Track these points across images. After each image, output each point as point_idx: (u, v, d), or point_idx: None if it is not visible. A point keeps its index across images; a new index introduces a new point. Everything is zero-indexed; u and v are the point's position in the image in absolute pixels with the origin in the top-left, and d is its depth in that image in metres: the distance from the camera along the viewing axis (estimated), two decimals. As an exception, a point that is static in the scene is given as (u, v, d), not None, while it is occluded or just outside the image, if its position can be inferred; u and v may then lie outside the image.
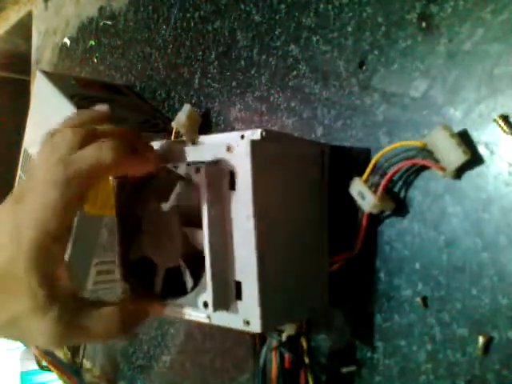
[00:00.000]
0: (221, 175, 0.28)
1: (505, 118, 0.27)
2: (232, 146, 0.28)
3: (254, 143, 0.27)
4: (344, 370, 0.36)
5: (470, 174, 0.29)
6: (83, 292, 0.52)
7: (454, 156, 0.28)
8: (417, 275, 0.32)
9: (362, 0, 0.35)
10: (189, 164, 0.29)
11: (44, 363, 0.69)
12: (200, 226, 0.28)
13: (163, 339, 0.57)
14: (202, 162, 0.28)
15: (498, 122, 0.28)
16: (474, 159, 0.28)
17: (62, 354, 0.69)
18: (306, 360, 0.37)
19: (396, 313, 0.33)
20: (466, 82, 0.29)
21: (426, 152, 0.29)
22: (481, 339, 0.28)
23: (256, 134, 0.28)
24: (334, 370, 0.37)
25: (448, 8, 0.30)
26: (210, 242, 0.28)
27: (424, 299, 0.31)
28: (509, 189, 0.28)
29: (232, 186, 0.28)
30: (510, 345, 0.27)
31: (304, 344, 0.37)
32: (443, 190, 0.30)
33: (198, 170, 0.28)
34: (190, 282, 0.30)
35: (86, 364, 0.73)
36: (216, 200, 0.28)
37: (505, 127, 0.27)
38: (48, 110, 0.54)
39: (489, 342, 0.28)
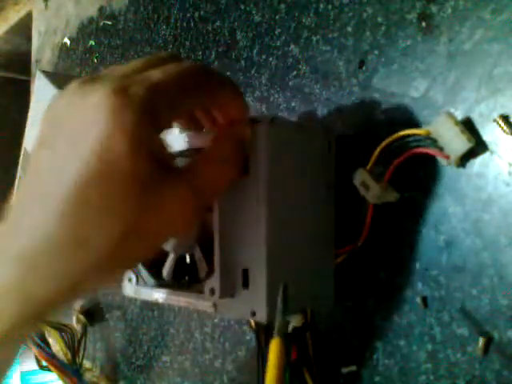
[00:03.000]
0: None
1: (505, 118, 0.27)
2: None
3: (265, 127, 0.27)
4: (344, 370, 0.36)
5: (470, 174, 0.29)
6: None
7: (458, 143, 0.28)
8: (417, 275, 0.32)
9: (362, 0, 0.35)
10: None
11: (44, 363, 0.69)
12: None
13: (163, 339, 0.57)
14: None
15: (498, 122, 0.28)
16: (479, 148, 0.28)
17: (62, 354, 0.70)
18: (311, 353, 0.37)
19: (396, 313, 0.33)
20: (466, 82, 0.29)
21: (430, 140, 0.29)
22: (481, 339, 0.28)
23: (266, 119, 0.28)
24: (335, 366, 0.37)
25: (448, 8, 0.30)
26: (220, 227, 0.28)
27: (424, 299, 0.31)
28: (509, 189, 0.28)
29: (244, 170, 0.28)
30: (510, 345, 0.27)
31: (309, 337, 0.37)
32: (444, 189, 0.30)
33: None
34: (204, 269, 0.30)
35: (86, 364, 0.73)
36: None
37: (505, 127, 0.27)
38: (48, 110, 0.54)
39: (489, 342, 0.28)
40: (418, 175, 0.32)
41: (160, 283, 0.33)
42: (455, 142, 0.28)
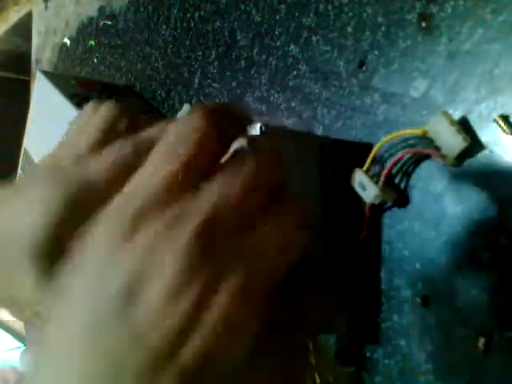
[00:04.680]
0: None
1: (505, 118, 0.27)
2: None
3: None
4: (344, 370, 0.36)
5: (469, 173, 0.29)
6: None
7: (454, 143, 0.28)
8: (417, 275, 0.32)
9: (362, 0, 0.35)
10: None
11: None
12: None
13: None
14: None
15: (498, 122, 0.28)
16: (475, 147, 0.28)
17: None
18: (313, 361, 0.36)
19: (396, 313, 0.33)
20: (465, 82, 0.29)
21: (427, 140, 0.29)
22: (481, 339, 0.28)
23: (255, 129, 0.28)
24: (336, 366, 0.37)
25: (448, 8, 0.30)
26: None
27: (424, 299, 0.31)
28: (509, 189, 0.28)
29: None
30: (510, 345, 0.27)
31: (310, 343, 0.37)
32: (442, 188, 0.30)
33: None
34: None
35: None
36: None
37: (505, 127, 0.27)
38: (48, 110, 0.54)
39: (489, 342, 0.28)
40: (416, 175, 0.32)
41: None
42: (451, 142, 0.28)
